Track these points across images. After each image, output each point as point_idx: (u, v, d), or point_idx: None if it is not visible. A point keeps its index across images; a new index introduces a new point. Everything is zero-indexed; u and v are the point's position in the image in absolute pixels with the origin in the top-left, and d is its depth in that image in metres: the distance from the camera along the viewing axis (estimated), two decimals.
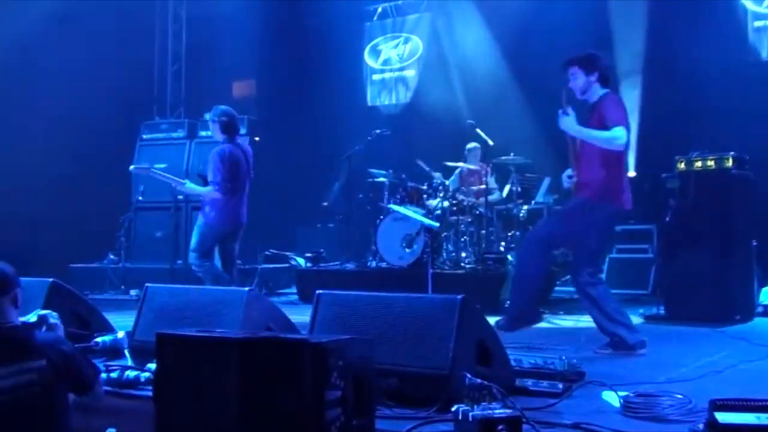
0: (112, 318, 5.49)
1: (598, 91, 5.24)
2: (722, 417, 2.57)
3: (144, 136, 11.20)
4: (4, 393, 3.13)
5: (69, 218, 10.64)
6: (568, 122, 5.10)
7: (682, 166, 7.23)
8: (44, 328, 3.59)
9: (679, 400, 3.29)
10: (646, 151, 9.79)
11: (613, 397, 3.46)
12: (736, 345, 5.58)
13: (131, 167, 7.87)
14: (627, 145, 5.14)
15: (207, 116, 7.27)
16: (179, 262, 9.70)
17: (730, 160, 7.07)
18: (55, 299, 4.69)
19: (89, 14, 10.88)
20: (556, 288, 9.42)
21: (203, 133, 10.94)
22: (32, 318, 3.57)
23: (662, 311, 7.18)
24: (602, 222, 5.20)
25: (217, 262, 6.92)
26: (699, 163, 7.17)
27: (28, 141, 10.02)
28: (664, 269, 7.60)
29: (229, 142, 6.82)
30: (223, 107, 6.97)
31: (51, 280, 4.91)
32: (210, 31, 12.60)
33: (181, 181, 7.14)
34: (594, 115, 5.15)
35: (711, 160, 7.15)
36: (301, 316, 4.82)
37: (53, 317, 3.71)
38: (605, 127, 4.98)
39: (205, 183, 6.80)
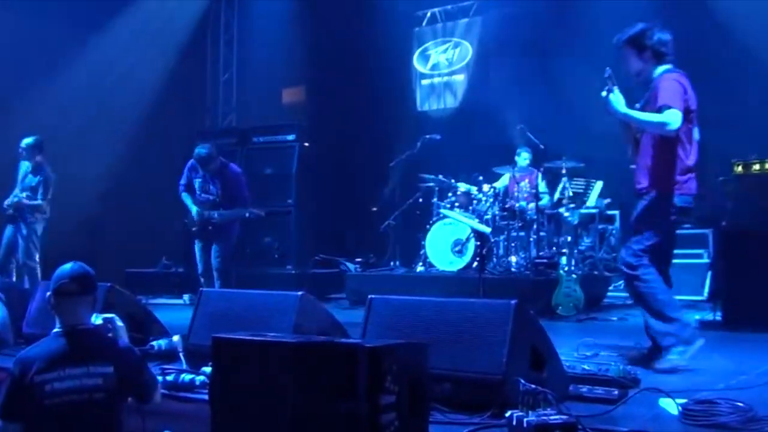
0: (166, 322, 5.57)
1: (655, 70, 4.68)
2: None
3: (197, 143, 11.35)
4: (66, 393, 3.20)
5: (124, 224, 10.86)
6: (616, 103, 4.45)
7: (740, 169, 7.05)
8: (109, 332, 3.67)
9: (740, 407, 3.20)
10: (702, 153, 9.58)
11: (670, 405, 3.38)
12: None
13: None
14: (684, 131, 4.58)
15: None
16: None
17: None
18: (113, 303, 4.78)
19: (143, 26, 11.12)
20: (609, 293, 9.30)
21: (254, 140, 11.09)
22: (97, 321, 3.64)
23: (719, 317, 7.03)
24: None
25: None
26: (757, 166, 6.99)
27: (87, 150, 10.25)
28: (721, 275, 7.42)
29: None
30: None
31: (108, 284, 5.01)
32: (260, 40, 12.74)
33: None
34: (651, 97, 4.60)
35: None
36: (351, 320, 4.82)
37: (119, 320, 3.79)
38: (657, 110, 4.44)
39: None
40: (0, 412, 3.23)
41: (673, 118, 4.39)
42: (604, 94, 4.46)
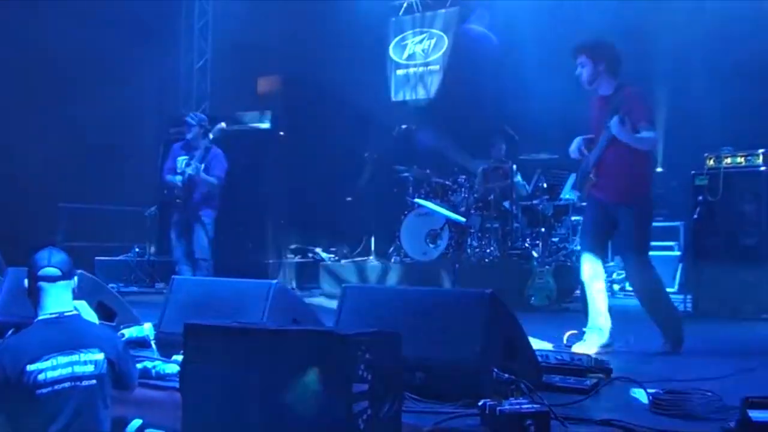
0: (138, 310, 5.51)
1: (609, 82, 4.96)
2: (756, 414, 2.53)
3: (171, 131, 11.24)
4: (59, 382, 3.17)
5: (95, 211, 10.74)
6: (624, 130, 4.80)
7: (712, 162, 7.15)
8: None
9: (710, 397, 3.23)
10: (674, 147, 9.67)
11: (641, 394, 3.41)
12: (766, 343, 5.51)
13: None
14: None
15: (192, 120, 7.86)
16: None
17: (761, 157, 6.99)
18: (82, 290, 4.71)
19: (116, 11, 10.98)
20: None
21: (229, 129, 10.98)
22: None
23: (689, 308, 7.11)
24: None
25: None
26: (729, 160, 7.09)
27: (57, 136, 10.11)
28: (692, 267, 7.51)
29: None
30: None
31: (79, 271, 4.93)
32: (235, 27, 12.62)
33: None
34: (614, 110, 4.81)
35: (741, 156, 7.07)
36: (325, 309, 4.81)
37: (88, 307, 3.75)
38: (633, 126, 4.77)
39: None
40: None
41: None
42: (617, 119, 4.76)
